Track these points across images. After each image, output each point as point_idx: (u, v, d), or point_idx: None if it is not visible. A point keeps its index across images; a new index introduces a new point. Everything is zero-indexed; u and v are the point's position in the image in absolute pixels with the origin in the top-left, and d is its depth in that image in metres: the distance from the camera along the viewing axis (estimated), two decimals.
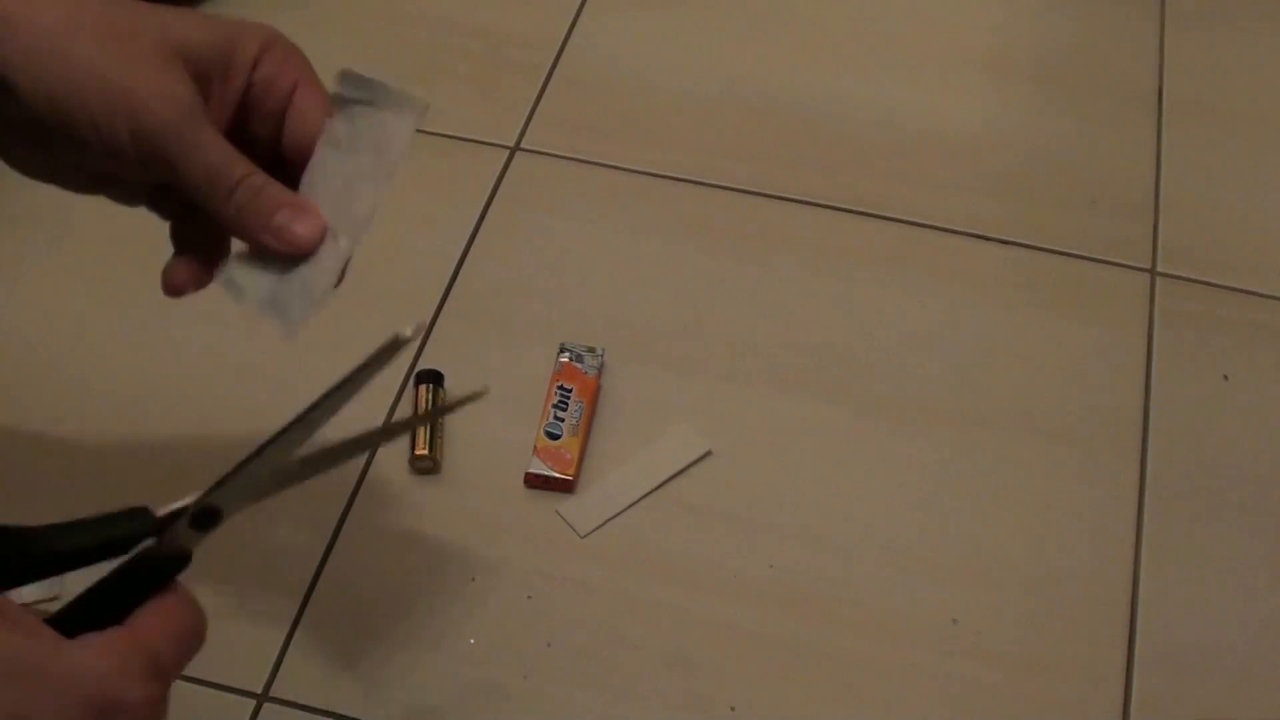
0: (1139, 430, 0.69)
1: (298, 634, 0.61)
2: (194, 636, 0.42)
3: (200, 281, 0.50)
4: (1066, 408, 0.70)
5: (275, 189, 0.47)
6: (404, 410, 0.68)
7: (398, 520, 0.64)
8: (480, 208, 0.78)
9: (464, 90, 0.85)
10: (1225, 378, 0.72)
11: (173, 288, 0.49)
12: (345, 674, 0.59)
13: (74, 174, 0.49)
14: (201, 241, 0.50)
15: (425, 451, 0.65)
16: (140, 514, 0.43)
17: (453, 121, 0.82)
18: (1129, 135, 0.84)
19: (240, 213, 0.46)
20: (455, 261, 0.75)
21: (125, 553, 0.42)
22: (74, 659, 0.37)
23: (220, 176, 0.45)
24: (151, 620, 0.41)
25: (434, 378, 0.68)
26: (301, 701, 0.59)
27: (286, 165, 0.49)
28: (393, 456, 0.67)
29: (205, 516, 0.43)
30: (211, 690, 0.59)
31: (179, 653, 0.41)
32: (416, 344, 0.72)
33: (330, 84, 0.49)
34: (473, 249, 0.76)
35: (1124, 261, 0.77)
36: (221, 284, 0.49)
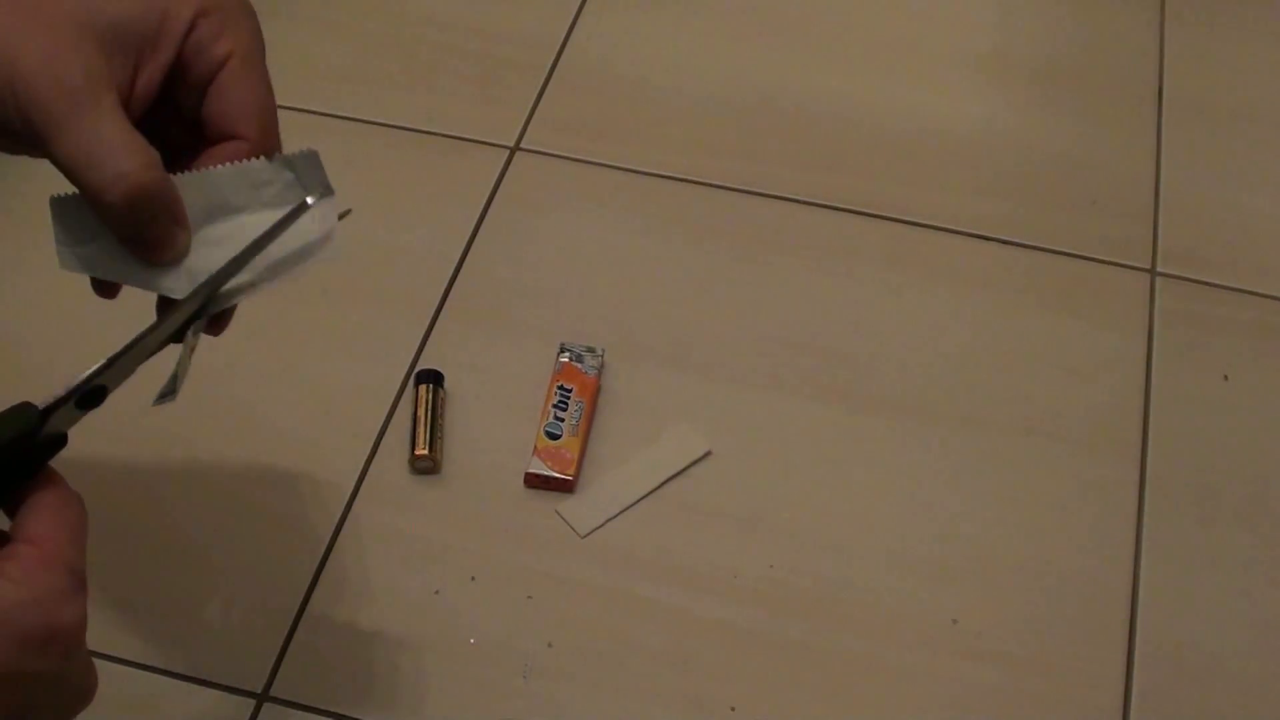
0: (1139, 430, 0.69)
1: (298, 634, 0.61)
2: (84, 528, 0.43)
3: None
4: (1066, 408, 0.70)
5: (158, 183, 0.42)
6: (404, 410, 0.68)
7: (398, 520, 0.64)
8: (480, 208, 0.78)
9: (464, 90, 0.85)
10: (1225, 378, 0.72)
11: (104, 292, 0.48)
12: (345, 674, 0.59)
13: None
14: None
15: (425, 451, 0.65)
16: (23, 409, 0.42)
17: (453, 121, 0.82)
18: (1129, 135, 0.84)
19: (123, 221, 0.42)
20: (455, 261, 0.75)
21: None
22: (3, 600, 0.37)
23: (97, 163, 0.40)
24: (51, 526, 0.41)
25: (434, 378, 0.68)
26: (301, 701, 0.59)
27: (202, 140, 0.45)
28: (393, 457, 0.67)
29: (92, 396, 0.43)
30: (212, 690, 0.59)
31: (82, 551, 0.42)
32: (416, 346, 0.71)
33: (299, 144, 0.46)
34: (473, 249, 0.76)
35: (1124, 261, 0.77)
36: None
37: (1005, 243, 0.77)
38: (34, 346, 0.71)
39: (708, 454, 0.67)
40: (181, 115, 0.44)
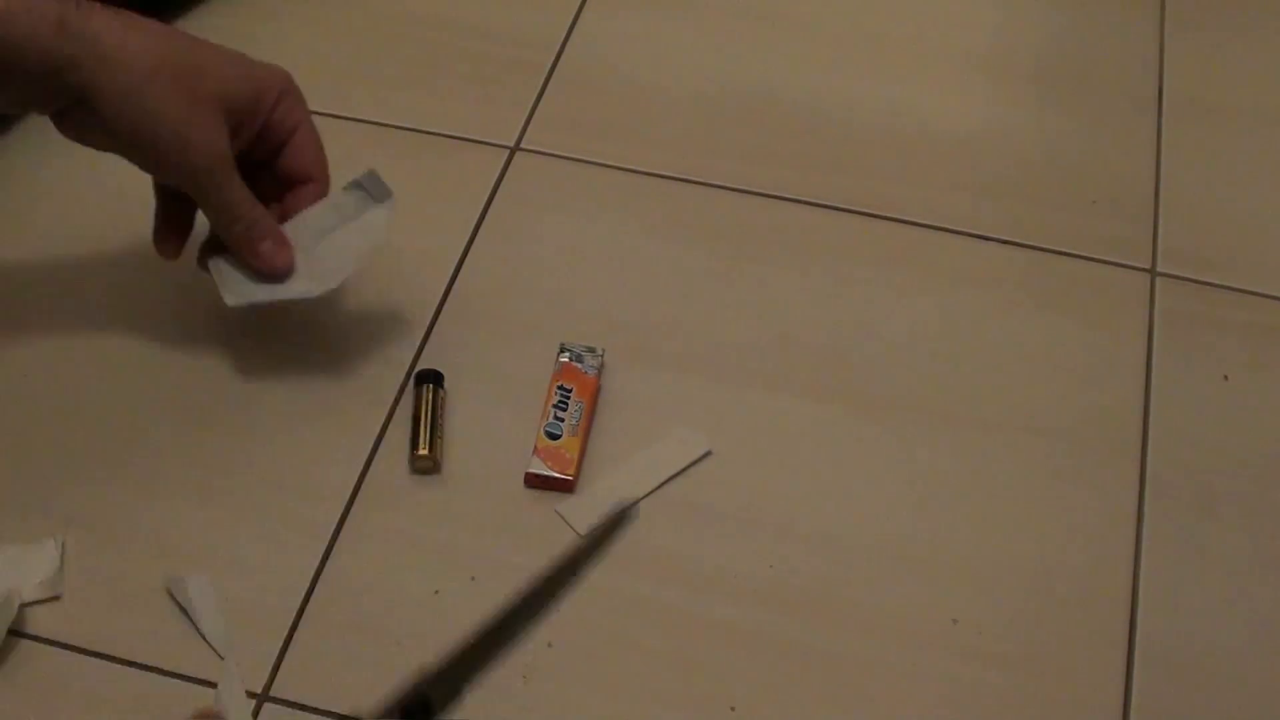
0: (1139, 430, 0.69)
1: (298, 634, 0.61)
2: None
3: (178, 250, 0.67)
4: (1066, 408, 0.70)
5: (267, 223, 0.64)
6: (404, 410, 0.68)
7: (398, 520, 0.64)
8: (480, 208, 0.78)
9: (464, 90, 0.85)
10: (1225, 378, 0.72)
11: (167, 256, 0.67)
12: (345, 674, 0.59)
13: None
14: (179, 223, 0.67)
15: (426, 451, 0.65)
16: None
17: (453, 121, 0.82)
18: (1129, 135, 0.84)
19: (238, 239, 0.63)
20: (455, 261, 0.75)
21: None
22: None
23: (233, 212, 0.62)
24: None
25: (434, 378, 0.68)
26: (301, 701, 0.59)
27: (278, 180, 0.66)
28: (393, 457, 0.67)
29: (419, 709, 0.44)
30: (212, 690, 0.59)
31: None
32: (416, 346, 0.72)
33: (353, 173, 0.67)
34: (473, 249, 0.76)
35: (1124, 261, 0.77)
36: (209, 270, 0.66)
37: (1005, 243, 0.77)
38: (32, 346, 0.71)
39: (708, 454, 0.67)
40: (255, 162, 0.65)
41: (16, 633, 0.60)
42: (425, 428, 0.66)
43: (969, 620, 0.62)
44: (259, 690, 0.59)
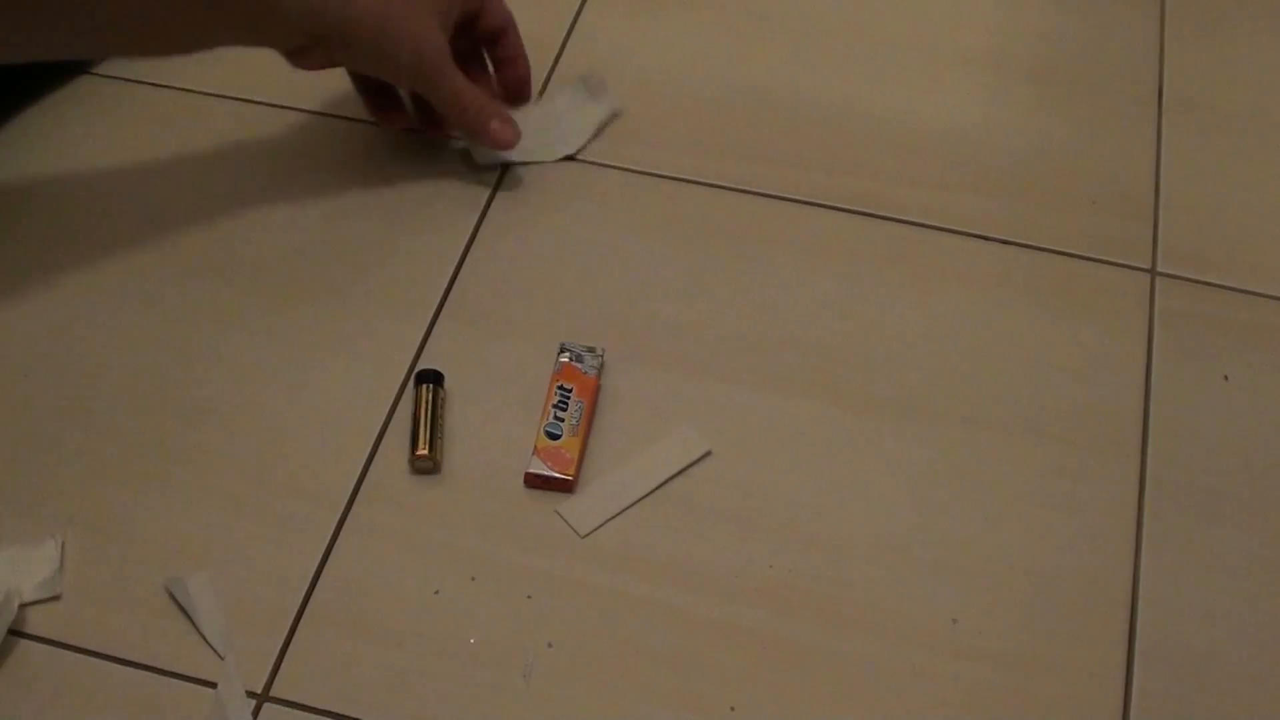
0: (1139, 430, 0.69)
1: (298, 634, 0.61)
2: None
3: (406, 120, 0.81)
4: (1066, 408, 0.70)
5: (492, 107, 0.75)
6: (404, 410, 0.68)
7: (398, 520, 0.64)
8: (480, 208, 0.78)
9: None
10: (1225, 378, 0.72)
11: (394, 125, 0.80)
12: (345, 674, 0.59)
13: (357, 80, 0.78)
14: (390, 102, 0.79)
15: (425, 451, 0.65)
16: None
17: None
18: (1129, 135, 0.84)
19: (470, 124, 0.75)
20: (455, 261, 0.75)
21: None
22: None
23: (460, 100, 0.74)
24: None
25: (434, 377, 0.68)
26: (301, 701, 0.59)
27: (492, 61, 0.82)
28: (393, 457, 0.67)
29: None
30: (212, 690, 0.59)
31: None
32: (416, 346, 0.72)
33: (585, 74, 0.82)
34: (473, 249, 0.76)
35: (1124, 261, 0.77)
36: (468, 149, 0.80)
37: (1005, 243, 0.77)
38: (30, 348, 0.71)
39: (708, 454, 0.67)
40: (469, 50, 0.80)
41: (16, 633, 0.60)
42: (425, 428, 0.66)
43: (969, 620, 0.62)
44: (259, 690, 0.59)
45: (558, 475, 0.65)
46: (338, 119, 0.82)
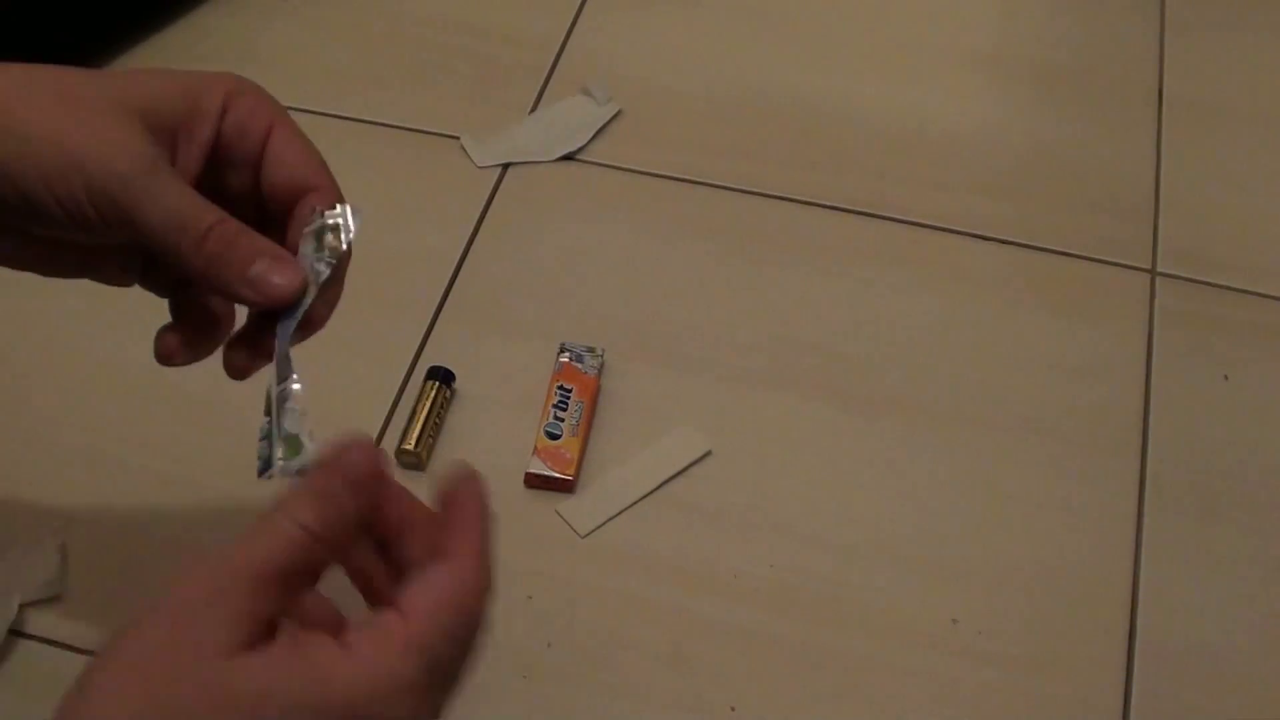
0: (1139, 430, 0.69)
1: None
2: (474, 618, 0.39)
3: (191, 355, 0.49)
4: (1066, 408, 0.70)
5: (251, 237, 0.44)
6: (404, 410, 0.68)
7: None
8: (480, 208, 0.78)
9: (464, 90, 0.85)
10: (1225, 378, 0.72)
11: (160, 356, 0.49)
12: None
13: (47, 256, 0.47)
14: (200, 317, 0.49)
15: (410, 446, 0.65)
16: None
17: (453, 121, 0.82)
18: (1129, 135, 0.84)
19: (212, 263, 0.43)
20: (455, 261, 0.75)
21: None
22: (325, 672, 0.35)
23: (186, 224, 0.42)
24: (429, 601, 0.37)
25: (444, 376, 0.68)
26: None
27: (269, 219, 0.46)
28: (392, 458, 0.67)
29: None
30: None
31: (459, 650, 0.38)
32: (416, 346, 0.71)
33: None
34: (473, 249, 0.76)
35: (1124, 261, 0.77)
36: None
37: (1005, 243, 0.77)
38: (29, 350, 0.71)
39: (708, 454, 0.67)
40: (235, 201, 0.46)
41: (16, 633, 0.60)
42: (418, 422, 0.66)
43: (969, 620, 0.62)
44: None
45: (558, 475, 0.65)
46: (337, 119, 0.83)
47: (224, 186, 0.46)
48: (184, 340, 0.48)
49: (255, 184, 0.46)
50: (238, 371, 0.47)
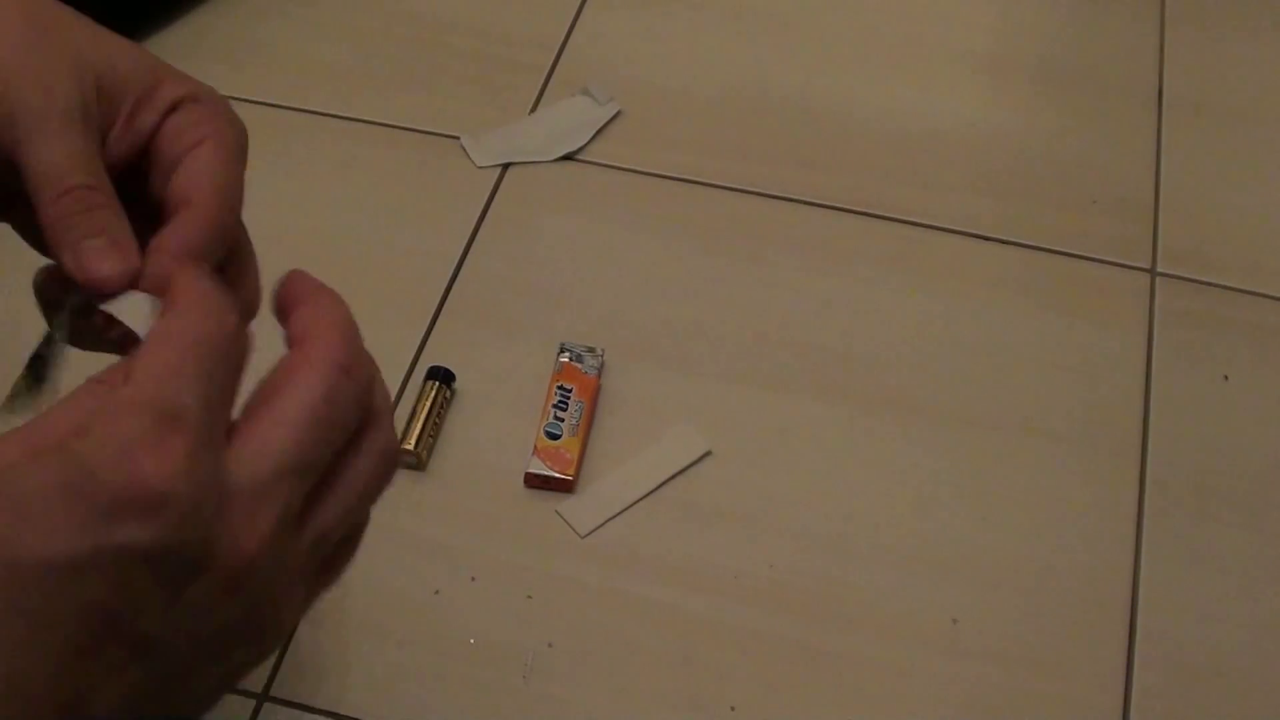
0: (1139, 430, 0.69)
1: (298, 633, 0.61)
2: (213, 349, 0.35)
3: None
4: (1066, 408, 0.70)
5: (109, 216, 0.40)
6: (405, 406, 0.68)
7: (397, 520, 0.64)
8: (480, 208, 0.78)
9: (464, 90, 0.85)
10: (1225, 378, 0.72)
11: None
12: (345, 674, 0.59)
13: None
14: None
15: (410, 446, 0.65)
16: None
17: (453, 121, 0.82)
18: (1129, 135, 0.84)
19: (57, 222, 0.39)
20: (455, 261, 0.75)
21: None
22: (59, 463, 0.31)
23: (58, 175, 0.39)
24: (152, 356, 0.34)
25: (444, 376, 0.68)
26: (301, 701, 0.59)
27: (150, 214, 0.42)
28: None
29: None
30: None
31: (197, 383, 0.34)
32: (416, 346, 0.71)
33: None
34: (473, 249, 0.76)
35: (1124, 261, 0.77)
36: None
37: (1005, 243, 0.77)
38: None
39: (708, 454, 0.67)
40: (144, 204, 0.42)
41: None
42: (418, 423, 0.66)
43: (969, 620, 0.62)
44: (259, 690, 0.59)
45: (558, 475, 0.65)
46: (337, 118, 0.82)
47: (143, 190, 0.42)
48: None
49: (158, 180, 0.42)
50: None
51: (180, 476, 0.31)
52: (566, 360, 0.69)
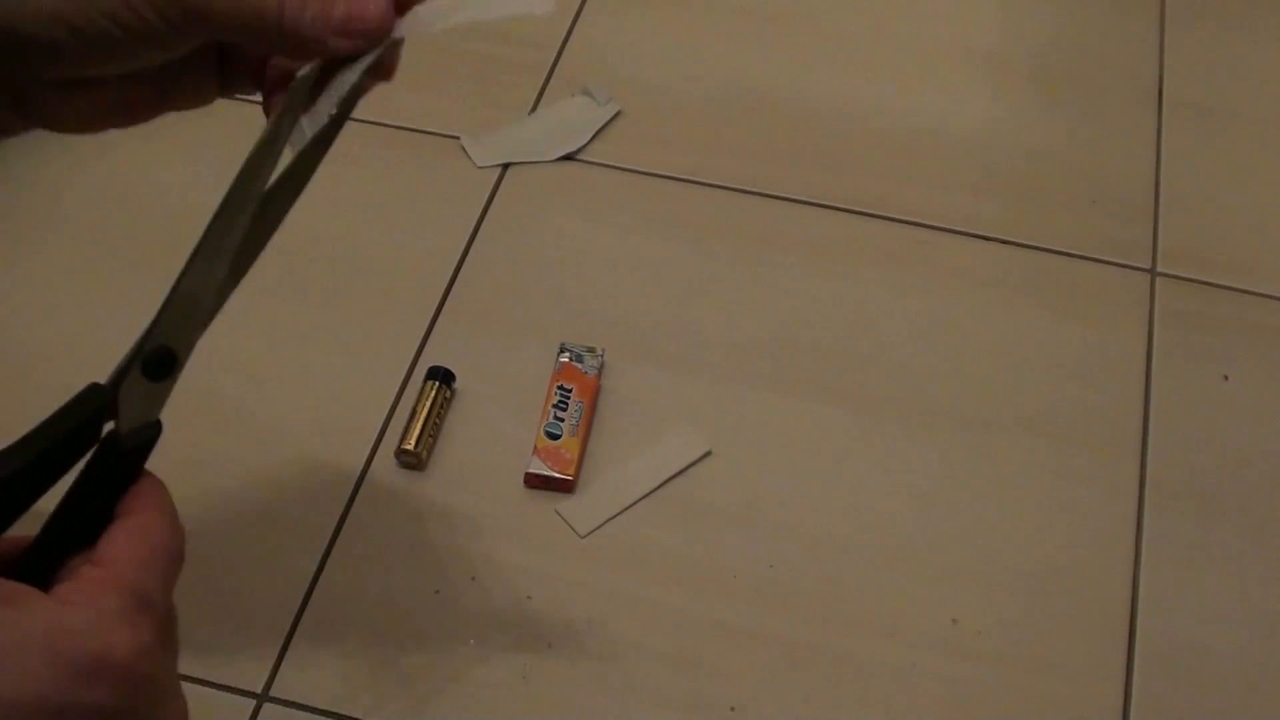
0: (1139, 430, 0.69)
1: (298, 634, 0.61)
2: (172, 556, 0.39)
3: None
4: (1066, 408, 0.70)
5: None
6: (405, 406, 0.68)
7: (397, 520, 0.64)
8: (480, 208, 0.78)
9: (464, 90, 0.85)
10: (1225, 378, 0.72)
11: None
12: (345, 674, 0.59)
13: (121, 100, 0.45)
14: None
15: (411, 446, 0.65)
16: (90, 391, 0.39)
17: (453, 121, 0.82)
18: (1129, 135, 0.84)
19: (298, 30, 0.41)
20: (455, 261, 0.75)
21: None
22: (46, 619, 0.35)
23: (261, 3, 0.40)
24: (124, 548, 0.38)
25: (444, 376, 0.68)
26: (301, 701, 0.59)
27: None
28: (391, 458, 0.67)
29: (161, 363, 0.39)
30: (211, 690, 0.59)
31: (162, 580, 0.38)
32: (416, 346, 0.71)
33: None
34: (473, 249, 0.76)
35: (1124, 261, 0.77)
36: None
37: (1005, 243, 0.77)
38: (26, 340, 0.71)
39: (708, 454, 0.67)
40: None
41: None
42: (418, 423, 0.66)
43: (969, 620, 0.62)
44: (259, 690, 0.59)
45: (558, 475, 0.65)
46: None
47: None
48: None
49: None
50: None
51: (148, 654, 0.36)
52: (566, 360, 0.69)
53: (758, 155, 0.81)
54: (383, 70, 0.46)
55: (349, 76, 0.43)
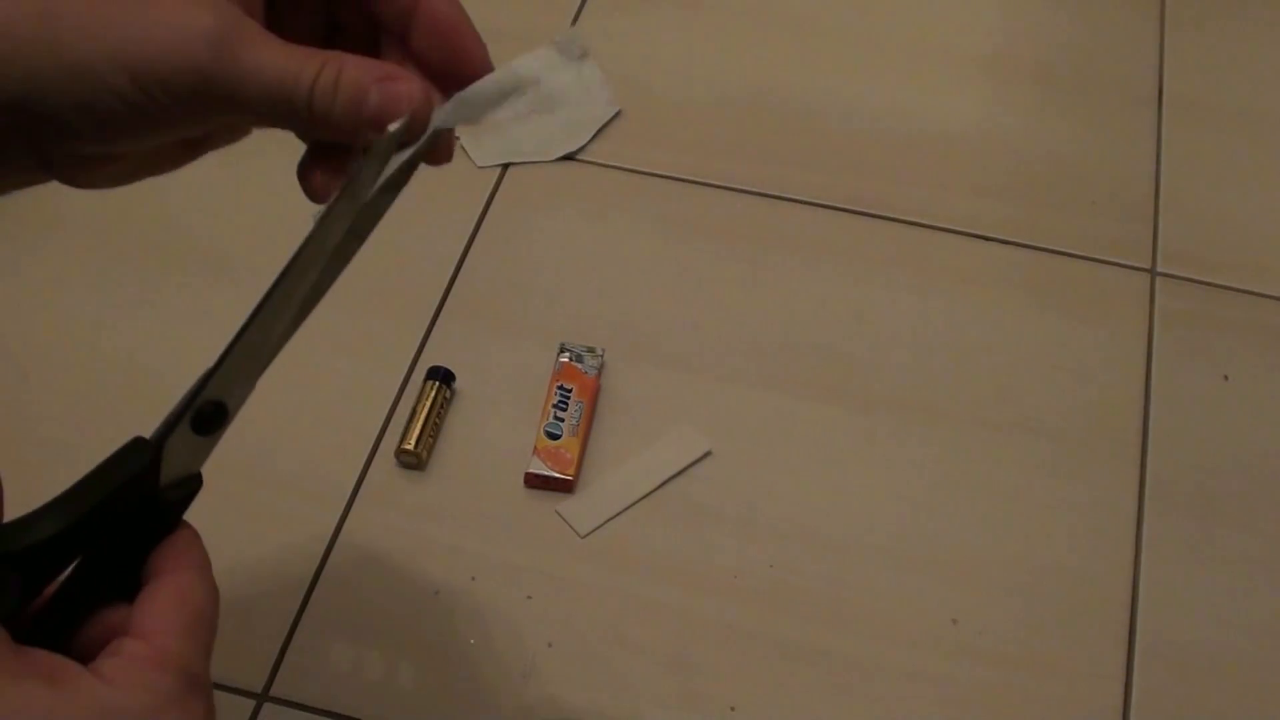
0: (1139, 430, 0.69)
1: (298, 634, 0.61)
2: (211, 624, 0.38)
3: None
4: (1066, 408, 0.70)
5: (356, 62, 0.38)
6: (405, 406, 0.68)
7: (397, 520, 0.64)
8: (480, 208, 0.78)
9: None
10: (1225, 378, 0.72)
11: (312, 195, 0.43)
12: (345, 674, 0.59)
13: (151, 160, 0.43)
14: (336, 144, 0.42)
15: (411, 447, 0.65)
16: (133, 446, 0.37)
17: None
18: (1129, 135, 0.84)
19: (328, 121, 0.38)
20: (455, 261, 0.75)
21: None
22: (96, 703, 0.34)
23: (290, 85, 0.37)
24: (166, 619, 0.37)
25: (444, 376, 0.68)
26: (301, 701, 0.59)
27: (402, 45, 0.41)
28: (391, 458, 0.67)
29: (210, 416, 0.38)
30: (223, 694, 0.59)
31: (205, 652, 0.37)
32: (416, 346, 0.71)
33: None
34: (473, 249, 0.76)
35: (1124, 261, 0.77)
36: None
37: (1005, 243, 0.77)
38: (26, 341, 0.71)
39: (708, 454, 0.67)
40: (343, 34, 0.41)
41: None
42: (418, 422, 0.66)
43: (969, 620, 0.62)
44: (259, 690, 0.59)
45: (558, 475, 0.65)
46: None
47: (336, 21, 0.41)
48: (329, 170, 0.43)
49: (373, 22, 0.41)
50: (318, 192, 0.42)
51: None
52: (566, 360, 0.69)
53: (758, 155, 0.81)
54: (438, 155, 0.43)
55: (403, 155, 0.41)
